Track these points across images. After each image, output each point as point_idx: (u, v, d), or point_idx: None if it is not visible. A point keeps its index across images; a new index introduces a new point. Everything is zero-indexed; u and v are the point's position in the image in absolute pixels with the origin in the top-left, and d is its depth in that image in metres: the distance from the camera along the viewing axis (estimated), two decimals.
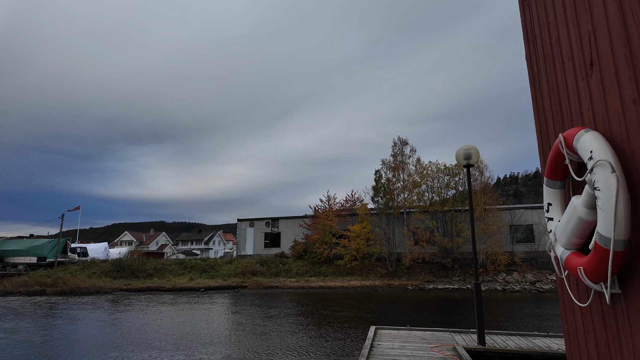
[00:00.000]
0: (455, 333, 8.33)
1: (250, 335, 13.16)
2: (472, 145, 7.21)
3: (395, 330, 8.63)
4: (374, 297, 25.02)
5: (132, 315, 18.41)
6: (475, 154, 7.17)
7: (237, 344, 11.73)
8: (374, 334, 8.02)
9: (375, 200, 36.35)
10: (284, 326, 14.83)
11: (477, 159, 7.23)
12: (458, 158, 7.32)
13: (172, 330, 14.32)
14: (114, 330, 14.72)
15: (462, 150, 7.24)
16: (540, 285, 28.50)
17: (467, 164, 7.23)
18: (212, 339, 12.53)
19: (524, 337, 7.85)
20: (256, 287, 30.44)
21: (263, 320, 16.44)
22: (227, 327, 15.14)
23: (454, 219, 33.10)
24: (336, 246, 35.06)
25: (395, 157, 36.42)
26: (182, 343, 12.09)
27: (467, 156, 7.19)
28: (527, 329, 13.15)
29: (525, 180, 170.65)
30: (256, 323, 15.73)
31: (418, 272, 32.32)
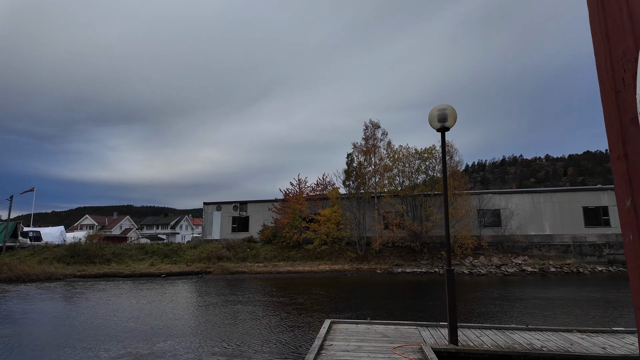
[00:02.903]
0: (422, 327, 7.06)
1: (199, 325, 11.60)
2: (449, 105, 5.81)
3: (354, 324, 7.26)
4: (342, 282, 23.91)
5: (85, 304, 16.41)
6: (451, 115, 5.79)
7: (184, 334, 10.17)
8: (327, 330, 6.61)
9: (346, 184, 35.11)
10: (240, 314, 13.33)
11: (454, 121, 5.85)
12: (431, 120, 5.92)
13: (128, 320, 12.55)
14: (64, 321, 12.79)
15: (435, 110, 5.83)
16: (505, 268, 28.26)
17: (442, 127, 5.85)
18: (161, 330, 10.89)
19: (500, 332, 6.68)
20: (221, 272, 28.75)
21: (217, 308, 14.91)
22: (181, 315, 13.47)
23: (424, 203, 32.41)
24: (306, 230, 33.72)
25: (367, 140, 35.15)
26: (136, 335, 10.41)
27: (441, 117, 5.80)
28: (500, 317, 12.23)
29: (492, 168, 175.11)
30: (209, 312, 14.15)
31: (387, 256, 31.54)
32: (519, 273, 27.06)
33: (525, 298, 16.62)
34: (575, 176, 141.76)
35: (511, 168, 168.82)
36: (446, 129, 5.93)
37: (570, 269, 27.76)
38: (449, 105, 5.84)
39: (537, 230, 31.86)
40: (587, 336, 6.33)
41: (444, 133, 5.98)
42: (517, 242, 31.72)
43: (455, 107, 5.91)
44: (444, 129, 5.93)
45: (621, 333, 6.47)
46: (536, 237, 31.71)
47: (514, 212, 32.36)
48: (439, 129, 5.96)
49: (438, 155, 33.56)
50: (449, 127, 5.92)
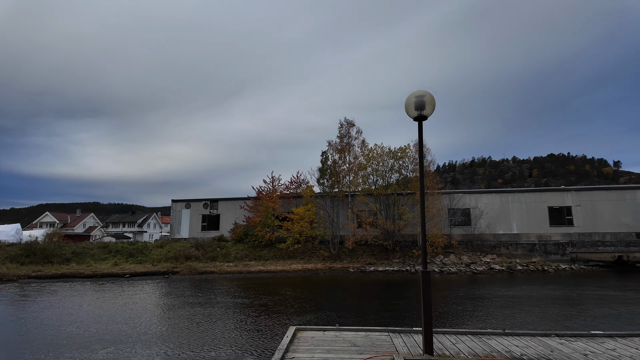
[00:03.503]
0: (395, 334, 6.49)
1: (148, 330, 10.62)
2: (427, 92, 5.25)
3: (320, 331, 6.59)
4: (314, 281, 23.27)
5: (30, 307, 14.98)
6: (429, 102, 5.23)
7: (128, 340, 9.18)
8: (290, 339, 5.92)
9: (320, 182, 34.49)
10: (197, 317, 12.39)
11: (432, 109, 5.30)
12: (408, 107, 5.35)
13: (70, 325, 11.36)
14: (15, 327, 11.47)
15: (413, 97, 5.26)
16: (474, 267, 28.45)
17: (420, 115, 5.29)
18: (106, 335, 9.84)
19: (477, 338, 6.22)
20: (189, 272, 27.49)
21: (173, 310, 13.94)
22: (131, 318, 12.37)
23: (397, 202, 32.30)
24: (279, 229, 32.90)
25: (342, 138, 34.68)
26: (75, 342, 9.32)
27: (419, 105, 5.24)
28: (473, 318, 11.93)
29: (462, 169, 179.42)
30: (163, 314, 13.13)
31: (360, 255, 31.20)
32: (488, 271, 27.29)
33: (489, 297, 16.55)
34: (540, 177, 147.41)
35: (480, 169, 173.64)
36: (424, 118, 5.36)
37: (536, 267, 28.27)
38: (427, 92, 5.28)
39: (505, 229, 32.36)
40: (567, 341, 5.95)
41: (422, 122, 5.42)
42: (486, 240, 32.11)
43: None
44: (421, 118, 5.36)
45: (600, 337, 6.15)
46: (504, 236, 32.20)
47: (483, 211, 32.75)
48: (416, 118, 5.38)
49: (411, 155, 33.53)
50: (427, 116, 5.36)
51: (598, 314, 12.61)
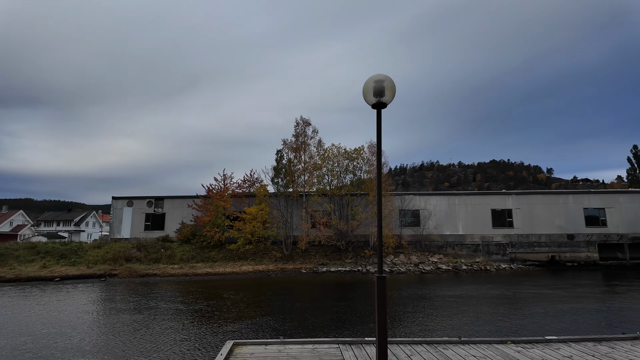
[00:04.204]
0: (345, 346, 5.85)
1: (54, 342, 9.19)
2: (387, 76, 4.66)
3: (262, 345, 5.77)
4: (264, 283, 22.26)
5: None
6: (389, 88, 4.65)
7: (18, 356, 7.78)
8: (225, 356, 5.07)
9: (275, 181, 33.48)
10: (119, 326, 11.02)
11: (392, 96, 4.72)
12: (366, 93, 4.72)
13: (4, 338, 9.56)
14: None
15: (371, 82, 4.64)
16: (422, 266, 28.90)
17: (378, 102, 4.69)
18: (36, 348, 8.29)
19: (432, 348, 5.75)
20: (129, 275, 25.31)
21: (98, 316, 12.43)
22: (38, 329, 10.73)
23: (350, 203, 32.17)
24: (229, 229, 31.42)
25: (298, 137, 33.93)
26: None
27: (378, 91, 4.64)
28: (421, 320, 11.67)
29: (412, 172, 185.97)
30: (81, 322, 11.56)
31: (313, 255, 30.61)
32: (435, 271, 27.81)
33: (432, 297, 16.65)
34: (483, 182, 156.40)
35: (429, 172, 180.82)
36: (383, 105, 4.76)
37: (479, 266, 29.29)
38: (387, 77, 4.69)
39: (452, 230, 33.32)
40: (523, 348, 5.65)
41: (380, 110, 4.82)
42: (433, 241, 32.87)
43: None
44: (380, 105, 4.75)
45: (555, 343, 5.93)
46: (451, 236, 33.14)
47: (432, 212, 33.51)
48: (375, 105, 4.77)
49: (366, 157, 33.58)
50: (387, 103, 4.76)
51: (528, 312, 12.98)
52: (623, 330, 7.57)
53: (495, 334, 9.43)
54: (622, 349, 5.46)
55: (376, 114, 4.83)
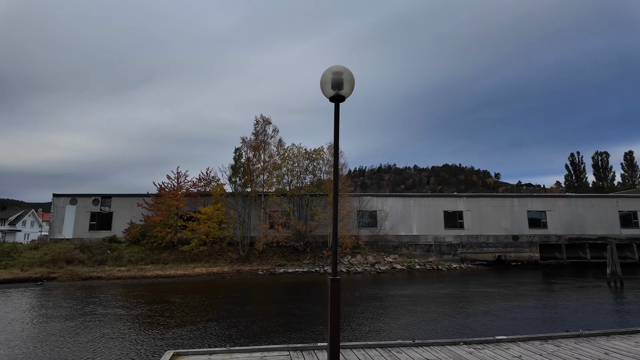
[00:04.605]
0: (296, 352, 5.52)
1: None
2: (345, 68, 4.41)
3: (206, 355, 5.30)
4: (217, 286, 21.40)
5: None
6: (348, 80, 4.40)
7: None
8: None
9: (232, 180, 32.47)
10: (43, 334, 9.97)
11: (351, 89, 4.48)
12: (324, 85, 4.44)
13: None
14: None
15: (329, 73, 4.37)
16: (379, 266, 29.27)
17: (337, 95, 4.43)
18: None
19: (386, 351, 5.58)
20: (70, 278, 23.37)
21: (27, 325, 11.20)
22: None
23: (310, 203, 31.95)
24: (183, 229, 30.03)
25: (257, 136, 33.17)
26: None
27: (336, 83, 4.38)
28: (374, 321, 11.62)
29: (371, 174, 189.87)
30: (4, 331, 10.44)
31: (270, 256, 30.01)
32: (390, 271, 28.25)
33: (383, 297, 16.80)
34: (436, 185, 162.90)
35: (386, 175, 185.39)
36: (341, 99, 4.51)
37: (432, 266, 30.16)
38: (346, 68, 4.44)
39: (407, 231, 34.10)
40: (474, 349, 5.64)
41: (338, 103, 4.56)
42: (389, 241, 33.45)
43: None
44: (338, 98, 4.49)
45: (505, 342, 5.99)
46: (405, 237, 33.89)
47: (388, 213, 34.10)
48: (333, 98, 4.49)
49: (326, 157, 33.51)
50: (345, 97, 4.51)
51: (472, 311, 13.43)
52: (566, 328, 7.88)
53: (444, 335, 9.54)
54: (567, 347, 5.61)
55: (334, 107, 4.56)
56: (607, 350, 5.33)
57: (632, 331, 6.34)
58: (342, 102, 4.57)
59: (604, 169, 73.28)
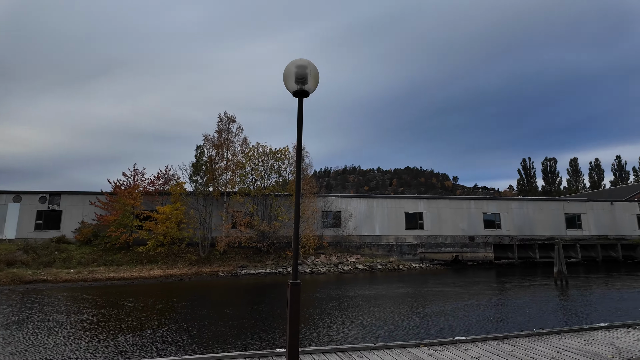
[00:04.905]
0: (253, 359, 5.26)
1: None
2: (310, 62, 4.20)
3: None
4: (175, 288, 20.50)
5: None
6: (313, 75, 4.19)
7: None
8: None
9: (193, 179, 31.35)
10: None
11: (315, 84, 4.28)
12: (287, 79, 4.20)
13: None
14: None
15: (293, 67, 4.14)
16: (342, 267, 29.36)
17: (300, 89, 4.21)
18: None
19: (346, 355, 5.42)
20: (10, 282, 21.48)
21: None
22: None
23: (274, 203, 31.50)
24: (139, 230, 28.57)
25: (221, 133, 32.25)
26: None
27: (300, 77, 4.15)
28: (330, 322, 11.52)
29: (336, 175, 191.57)
30: None
31: (232, 258, 29.24)
32: (353, 271, 28.42)
33: (343, 297, 16.79)
34: (398, 187, 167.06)
35: (351, 176, 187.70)
36: (305, 94, 4.29)
37: (393, 266, 30.68)
38: (310, 62, 4.23)
39: (370, 231, 34.51)
40: (435, 351, 5.63)
41: (302, 99, 4.34)
42: (353, 242, 33.70)
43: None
44: (302, 93, 4.27)
45: (464, 343, 6.04)
46: (368, 237, 34.29)
47: (352, 214, 34.35)
48: (296, 92, 4.27)
49: (291, 157, 33.23)
50: (309, 92, 4.30)
51: (427, 311, 13.72)
52: (515, 326, 8.13)
53: (399, 336, 9.57)
54: (522, 346, 5.74)
55: (297, 102, 4.33)
56: (559, 349, 5.51)
57: (580, 329, 6.63)
58: (306, 97, 4.36)
59: (552, 174, 78.36)
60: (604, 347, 5.58)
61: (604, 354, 5.20)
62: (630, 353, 5.17)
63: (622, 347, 5.51)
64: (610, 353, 5.23)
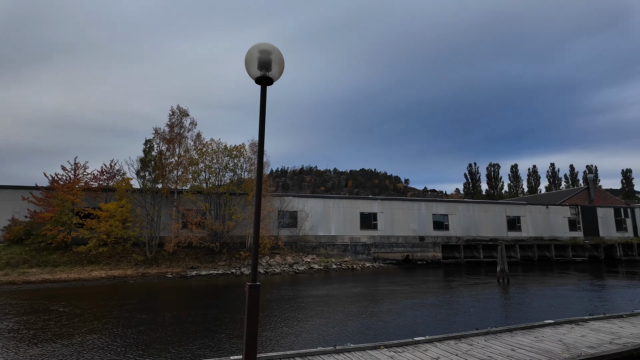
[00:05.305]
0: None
1: None
2: (275, 47, 3.86)
3: None
4: (117, 290, 19.04)
5: None
6: (278, 62, 3.82)
7: None
8: None
9: (141, 175, 29.47)
10: None
11: (280, 71, 3.93)
12: (249, 64, 3.82)
13: None
14: None
15: (256, 51, 3.76)
16: (297, 267, 29.09)
17: (264, 76, 3.85)
18: None
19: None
20: None
21: None
22: None
23: (228, 202, 30.47)
24: (79, 228, 26.35)
25: (172, 127, 30.64)
26: None
27: (264, 63, 3.79)
28: (278, 324, 11.20)
29: (292, 175, 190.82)
30: None
31: (182, 258, 27.87)
32: (308, 271, 28.25)
33: (295, 298, 16.62)
34: (353, 188, 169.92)
35: (307, 176, 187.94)
36: (269, 81, 3.94)
37: (347, 265, 30.93)
38: (275, 48, 3.88)
39: (325, 231, 34.55)
40: (395, 353, 5.52)
41: (265, 86, 3.98)
42: (308, 241, 33.54)
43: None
44: (265, 80, 3.92)
45: (423, 344, 6.00)
46: (324, 237, 34.31)
47: (309, 214, 34.18)
48: (259, 79, 3.91)
49: (247, 155, 32.37)
50: (273, 79, 3.96)
51: (377, 310, 13.85)
52: (477, 326, 8.31)
53: (347, 337, 9.44)
54: (479, 345, 5.80)
55: (260, 90, 3.97)
56: (513, 347, 5.63)
57: (530, 326, 6.88)
58: (270, 85, 4.01)
59: (495, 178, 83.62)
60: (554, 343, 5.79)
61: (554, 351, 5.37)
62: (577, 349, 5.40)
63: (570, 343, 5.76)
64: (559, 349, 5.42)
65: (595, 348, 5.42)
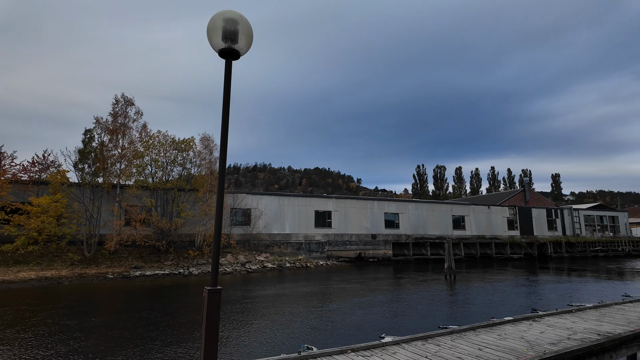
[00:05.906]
0: None
1: None
2: (242, 16, 3.29)
3: None
4: (49, 293, 17.09)
5: None
6: (246, 33, 3.24)
7: None
8: None
9: (79, 167, 26.92)
10: None
11: (249, 44, 3.38)
12: (211, 33, 3.21)
13: None
14: None
15: (220, 19, 3.15)
16: (249, 266, 28.26)
17: (229, 48, 3.28)
18: None
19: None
20: None
21: None
22: None
23: (177, 199, 28.76)
24: (5, 224, 23.49)
25: (116, 117, 28.34)
26: None
27: (229, 34, 3.19)
28: (223, 330, 10.58)
29: (246, 172, 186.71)
30: None
31: (124, 258, 25.85)
32: (261, 270, 27.54)
33: (244, 298, 16.13)
34: (307, 186, 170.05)
35: (261, 174, 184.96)
36: (235, 55, 3.38)
37: (301, 264, 30.60)
38: (242, 17, 3.30)
39: (280, 229, 33.94)
40: (363, 357, 5.20)
41: (231, 61, 3.42)
42: (262, 240, 32.72)
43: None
44: (231, 54, 3.35)
45: (390, 346, 5.75)
46: (278, 235, 33.68)
47: (263, 212, 33.35)
48: (223, 52, 3.33)
49: (197, 150, 30.79)
50: (240, 53, 3.40)
51: (326, 309, 13.69)
52: (440, 324, 8.27)
53: (290, 341, 9.12)
54: (446, 345, 5.68)
55: (225, 65, 3.39)
56: (479, 346, 5.56)
57: (492, 324, 6.93)
58: (236, 59, 3.45)
59: (441, 180, 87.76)
60: (517, 341, 5.82)
61: (519, 349, 5.37)
62: (541, 347, 5.45)
63: (532, 340, 5.82)
64: (524, 347, 5.43)
65: (556, 345, 5.50)
